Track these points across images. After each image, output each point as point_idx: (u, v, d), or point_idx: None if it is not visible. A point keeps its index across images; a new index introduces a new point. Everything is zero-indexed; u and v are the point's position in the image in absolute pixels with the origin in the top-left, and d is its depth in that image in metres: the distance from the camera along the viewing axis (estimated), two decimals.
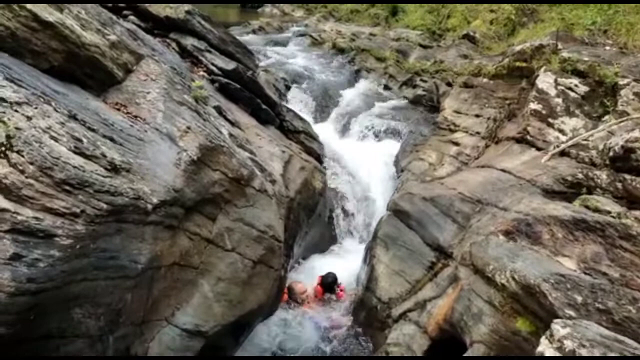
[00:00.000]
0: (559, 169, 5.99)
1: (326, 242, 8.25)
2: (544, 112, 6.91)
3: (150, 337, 4.19)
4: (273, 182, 6.05)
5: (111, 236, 3.45)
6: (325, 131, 9.94)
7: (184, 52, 7.28)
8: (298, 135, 8.60)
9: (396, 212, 6.66)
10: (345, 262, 7.66)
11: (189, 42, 7.38)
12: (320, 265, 7.66)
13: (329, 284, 7.07)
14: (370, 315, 6.25)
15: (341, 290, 7.12)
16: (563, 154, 6.33)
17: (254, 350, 5.92)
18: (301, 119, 9.10)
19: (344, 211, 8.57)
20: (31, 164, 2.94)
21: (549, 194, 5.62)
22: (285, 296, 6.69)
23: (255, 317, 5.55)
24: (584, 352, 2.66)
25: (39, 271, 2.84)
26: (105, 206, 3.30)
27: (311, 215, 7.50)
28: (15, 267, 2.75)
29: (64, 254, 2.99)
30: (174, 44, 7.27)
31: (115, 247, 3.49)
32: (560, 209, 4.77)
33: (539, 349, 2.89)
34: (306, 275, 7.45)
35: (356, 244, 8.27)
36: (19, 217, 2.81)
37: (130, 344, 3.99)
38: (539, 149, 6.70)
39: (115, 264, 3.51)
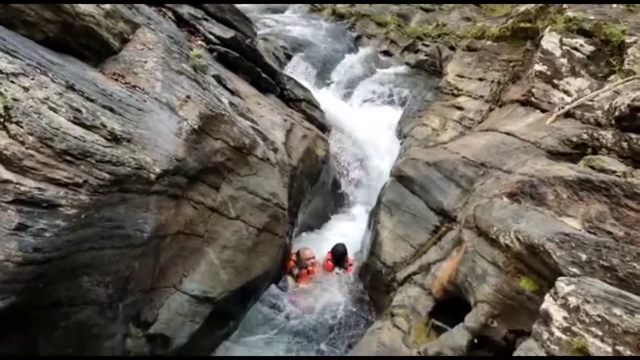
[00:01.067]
0: (563, 130, 5.93)
1: (330, 209, 8.28)
2: (548, 73, 6.79)
3: (159, 303, 4.27)
4: (275, 150, 6.03)
5: (115, 206, 3.46)
6: (326, 99, 9.83)
7: (180, 21, 7.14)
8: (299, 104, 8.52)
9: (400, 177, 6.65)
10: (349, 229, 7.69)
11: (185, 10, 7.23)
12: (324, 233, 7.71)
13: (340, 255, 6.93)
14: (375, 279, 6.32)
15: (350, 265, 7.03)
16: (568, 115, 6.25)
17: (260, 318, 6.00)
18: (302, 87, 8.99)
19: (347, 178, 8.56)
20: (31, 135, 2.92)
21: (554, 155, 5.58)
22: (292, 262, 6.73)
23: (261, 283, 5.64)
24: (588, 308, 2.68)
25: (45, 241, 2.87)
26: (107, 176, 3.30)
27: (314, 184, 7.51)
28: (21, 237, 2.77)
29: (69, 223, 3.01)
30: (170, 13, 7.12)
31: (120, 217, 3.51)
32: (565, 170, 4.75)
33: (543, 306, 2.92)
34: (311, 243, 7.48)
35: (360, 210, 8.28)
36: (22, 188, 2.81)
37: (140, 310, 4.08)
38: (543, 110, 6.62)
39: (121, 233, 3.54)
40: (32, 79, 3.16)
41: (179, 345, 4.44)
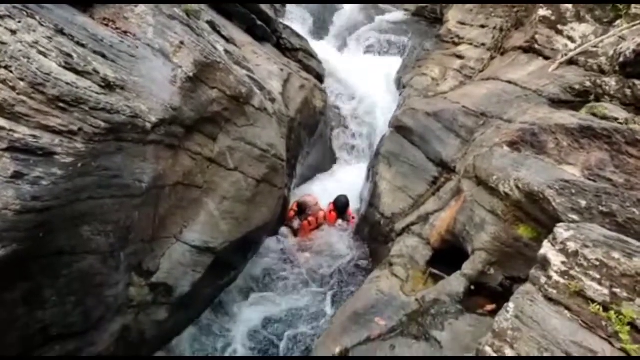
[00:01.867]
0: (566, 77, 5.83)
1: (328, 161, 8.24)
2: (553, 18, 6.59)
3: (160, 253, 4.30)
4: (273, 100, 5.91)
5: (112, 155, 3.40)
6: (324, 49, 9.59)
7: None
8: (296, 53, 8.32)
9: (398, 128, 6.58)
10: (347, 180, 7.69)
11: None
12: (323, 184, 7.71)
13: (342, 206, 6.92)
14: (374, 230, 6.38)
15: (353, 218, 7.06)
16: (571, 62, 6.13)
17: (260, 269, 6.10)
18: (299, 36, 8.75)
19: (345, 130, 8.48)
20: (21, 80, 2.82)
21: (556, 103, 5.51)
22: (292, 213, 6.75)
23: (261, 234, 5.68)
24: (586, 252, 2.70)
25: (43, 189, 2.83)
26: (102, 124, 3.22)
27: (312, 135, 7.44)
28: (19, 186, 2.73)
29: (66, 172, 2.96)
30: None
31: (117, 166, 3.46)
32: (567, 117, 4.69)
33: (541, 251, 2.94)
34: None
35: (358, 162, 8.26)
36: (16, 135, 2.74)
37: (142, 260, 4.11)
38: (546, 58, 6.49)
39: (119, 183, 3.50)
40: (19, 22, 3.02)
41: (182, 294, 4.51)
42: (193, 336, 5.13)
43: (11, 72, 2.81)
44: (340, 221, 6.96)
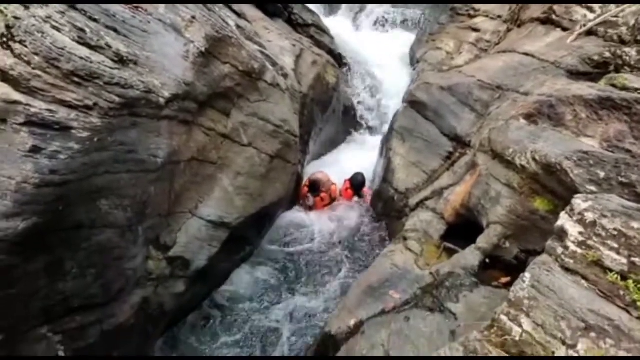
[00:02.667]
0: (585, 48, 5.67)
1: (341, 137, 8.21)
2: None
3: (177, 228, 4.36)
4: (285, 76, 5.88)
5: (127, 130, 3.43)
6: (336, 24, 9.45)
7: None
8: (308, 29, 8.21)
9: (412, 103, 6.50)
10: (361, 157, 7.66)
11: None
12: (336, 161, 7.69)
13: (359, 184, 6.94)
14: (388, 205, 6.37)
15: (369, 196, 7.07)
16: (590, 32, 5.95)
17: (275, 243, 6.16)
18: (310, 11, 8.63)
19: (359, 105, 8.41)
20: (36, 54, 2.84)
21: (574, 75, 5.38)
22: (305, 189, 6.77)
23: (276, 210, 5.72)
24: (605, 222, 2.67)
25: (60, 163, 2.87)
26: (117, 99, 3.24)
27: (325, 111, 7.39)
28: (37, 160, 2.78)
29: (83, 146, 2.99)
30: None
31: (132, 141, 3.49)
32: (585, 89, 4.58)
33: (558, 222, 2.91)
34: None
35: (372, 137, 8.21)
36: (32, 110, 2.78)
37: (159, 234, 4.17)
38: (564, 29, 6.30)
39: (135, 158, 3.53)
40: None
41: (199, 267, 4.59)
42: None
43: (26, 46, 2.83)
44: (356, 198, 6.98)
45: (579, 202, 2.88)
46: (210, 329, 5.02)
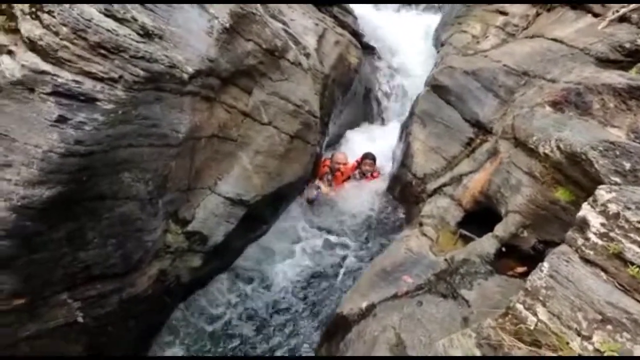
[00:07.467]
0: (616, 35, 5.48)
1: (361, 120, 8.15)
2: None
3: (196, 203, 4.42)
4: (307, 55, 5.83)
5: (151, 104, 3.46)
6: (359, 5, 9.27)
7: None
8: (331, 9, 8.07)
9: (435, 87, 6.40)
10: (381, 140, 7.62)
11: None
12: (356, 143, 7.67)
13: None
14: (405, 190, 6.35)
15: (375, 175, 7.15)
16: (623, 19, 5.73)
17: (288, 223, 6.22)
18: None
19: (380, 88, 8.32)
20: (64, 25, 2.87)
21: (603, 62, 5.21)
22: (325, 169, 6.81)
23: (293, 189, 5.74)
24: (628, 214, 2.62)
25: (85, 134, 2.92)
26: (142, 72, 3.27)
27: (346, 93, 7.33)
28: (63, 130, 2.83)
29: (107, 118, 3.04)
30: None
31: (156, 116, 3.53)
32: (615, 77, 4.45)
33: (580, 213, 2.86)
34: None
35: (392, 122, 8.14)
36: (59, 80, 2.82)
37: (179, 208, 4.24)
38: (595, 15, 6.08)
39: (158, 132, 3.57)
40: None
41: (216, 243, 4.66)
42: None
43: (54, 17, 2.86)
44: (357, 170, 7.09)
45: (602, 193, 2.82)
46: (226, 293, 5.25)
